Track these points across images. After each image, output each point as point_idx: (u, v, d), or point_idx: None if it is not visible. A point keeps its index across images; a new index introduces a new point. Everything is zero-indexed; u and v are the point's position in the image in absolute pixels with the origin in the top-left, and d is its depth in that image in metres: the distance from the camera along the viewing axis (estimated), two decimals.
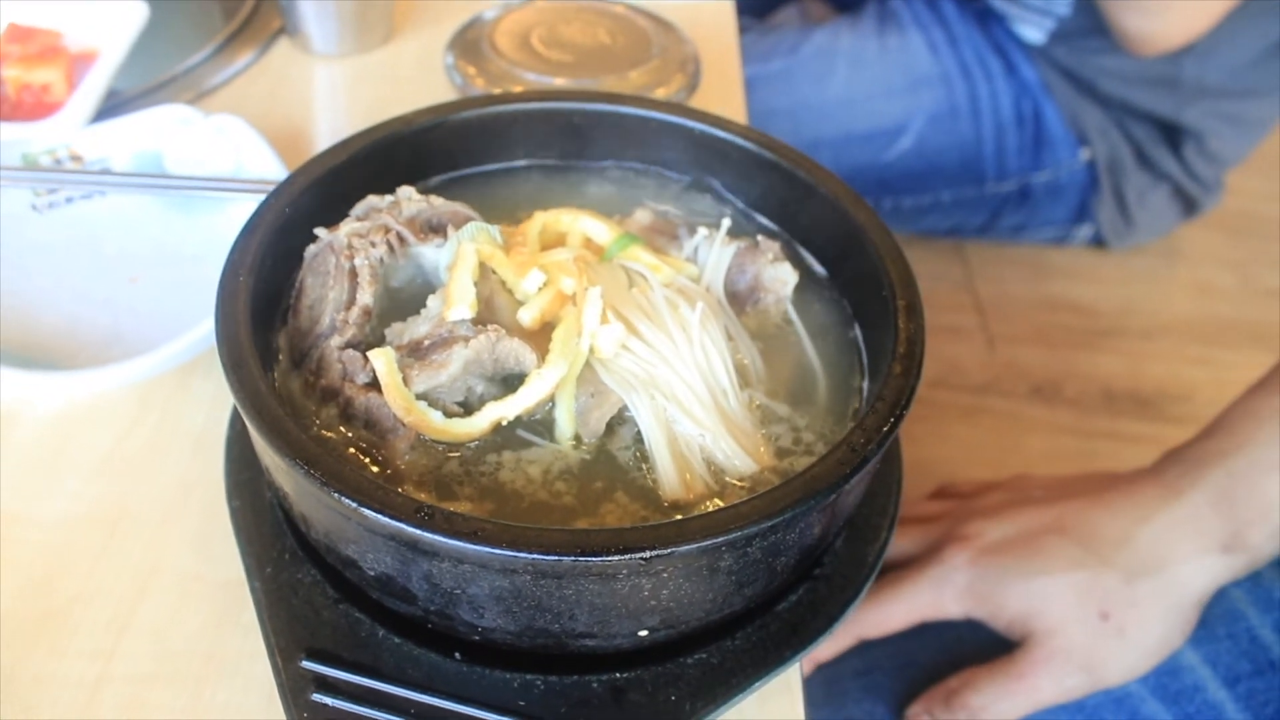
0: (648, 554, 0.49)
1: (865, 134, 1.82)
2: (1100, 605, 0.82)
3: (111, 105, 1.02)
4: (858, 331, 0.70)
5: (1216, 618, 0.88)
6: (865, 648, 0.91)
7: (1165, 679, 0.87)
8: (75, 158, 0.93)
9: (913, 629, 0.89)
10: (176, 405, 0.78)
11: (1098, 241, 2.10)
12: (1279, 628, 0.88)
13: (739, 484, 0.60)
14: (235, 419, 0.71)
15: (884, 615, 0.88)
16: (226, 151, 0.92)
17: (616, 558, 0.49)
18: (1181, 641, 0.84)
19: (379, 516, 0.49)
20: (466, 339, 0.60)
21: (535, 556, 0.48)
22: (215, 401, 0.78)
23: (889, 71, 1.81)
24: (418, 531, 0.49)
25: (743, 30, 1.88)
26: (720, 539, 0.50)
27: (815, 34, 1.84)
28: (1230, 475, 0.83)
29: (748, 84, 1.74)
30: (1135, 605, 0.82)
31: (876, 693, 0.92)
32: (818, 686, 0.93)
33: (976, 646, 0.89)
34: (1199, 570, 0.83)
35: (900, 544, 0.94)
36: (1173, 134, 1.86)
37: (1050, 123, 1.85)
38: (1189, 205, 1.99)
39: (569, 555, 0.48)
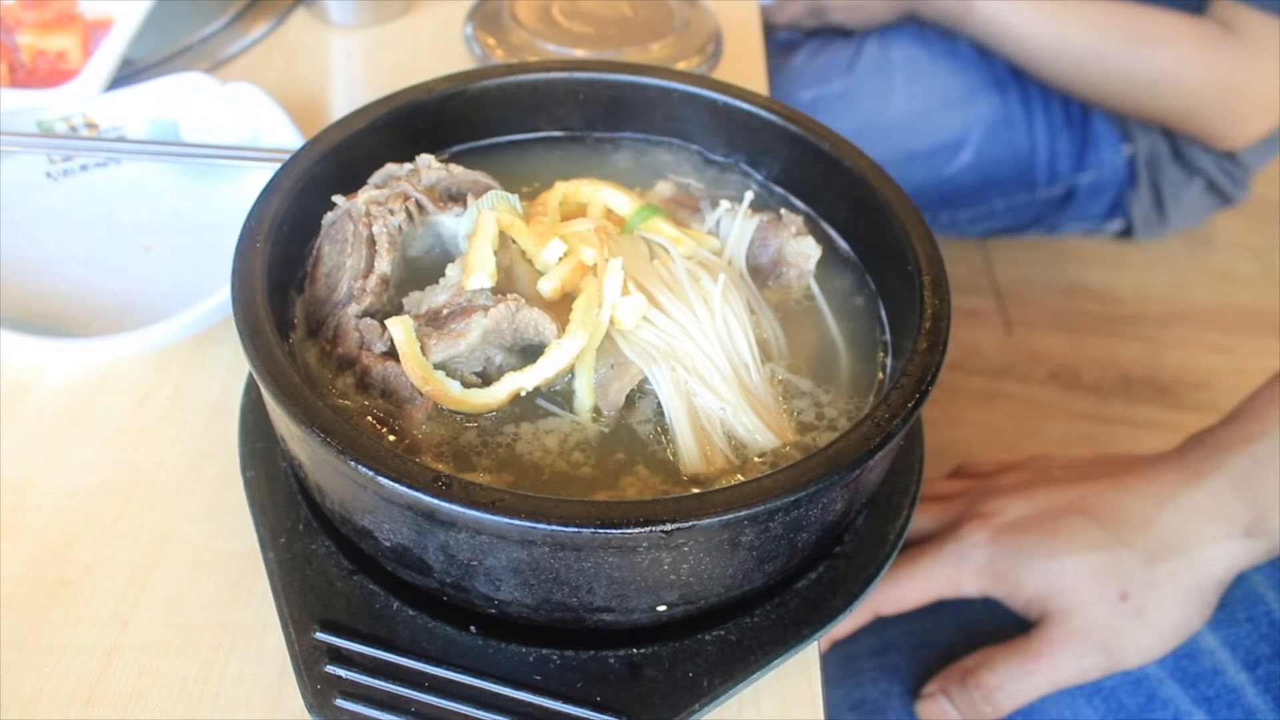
0: (669, 527, 0.48)
1: (928, 150, 1.80)
2: (1119, 586, 0.82)
3: (126, 74, 1.01)
4: (881, 307, 0.69)
5: (1236, 601, 0.88)
6: (882, 627, 0.91)
7: (1184, 661, 0.86)
8: (90, 125, 0.92)
9: (929, 608, 0.88)
10: (191, 374, 0.77)
11: (1126, 233, 2.08)
12: None
13: (760, 459, 0.59)
14: (250, 388, 0.70)
15: (901, 592, 0.87)
16: (243, 120, 0.92)
17: (637, 530, 0.48)
18: (1200, 624, 0.84)
19: (396, 486, 0.49)
20: (486, 308, 0.59)
21: (554, 528, 0.47)
22: (230, 371, 0.77)
23: (944, 81, 1.79)
24: (435, 501, 0.48)
25: (792, 48, 1.87)
26: (742, 513, 0.49)
27: (866, 46, 1.82)
28: (1253, 460, 0.83)
29: (809, 107, 1.73)
30: (1154, 587, 0.81)
31: (892, 672, 0.92)
32: (834, 665, 0.93)
33: (993, 626, 0.89)
34: (1220, 554, 0.82)
35: (919, 522, 0.93)
36: None
37: (1096, 121, 1.83)
38: (1222, 199, 1.96)
39: (589, 527, 0.48)
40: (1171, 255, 2.31)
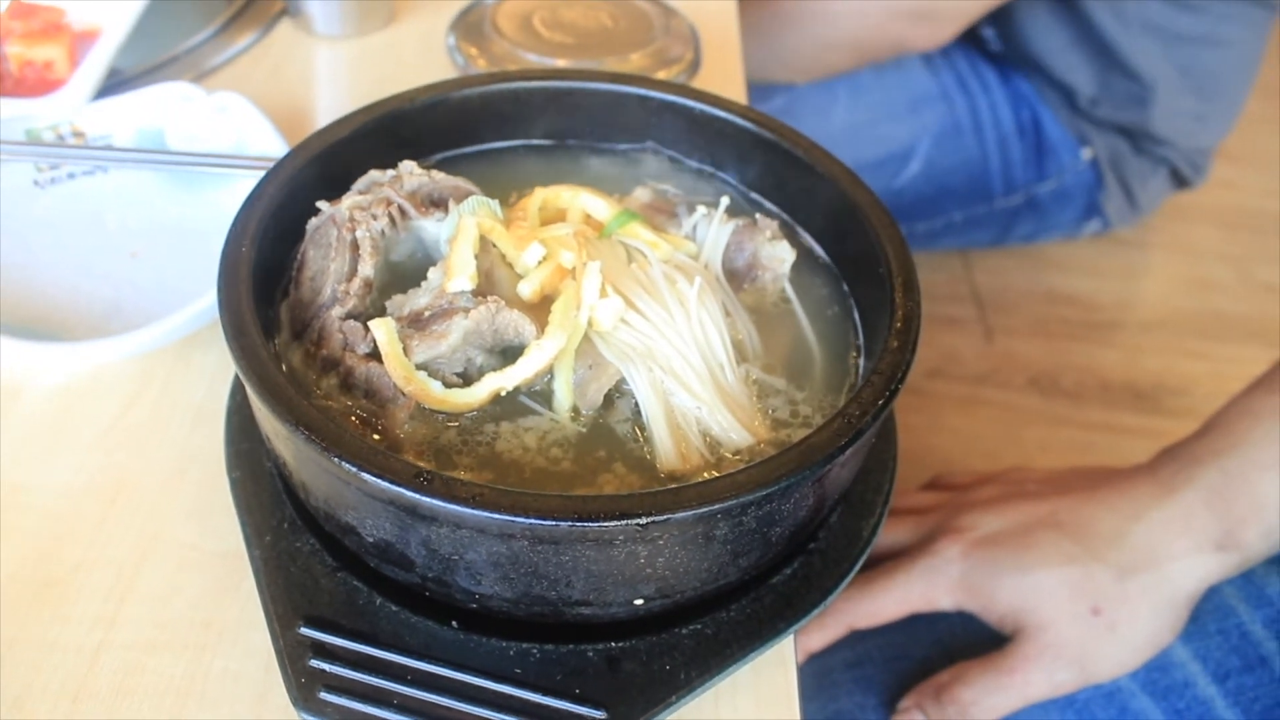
0: (644, 520, 0.49)
1: (875, 162, 1.81)
2: (1092, 601, 0.82)
3: (113, 84, 1.02)
4: (854, 309, 0.71)
5: (1207, 614, 0.89)
6: (857, 640, 0.92)
7: (1155, 674, 0.87)
8: (78, 134, 0.93)
9: (904, 622, 0.89)
10: (177, 378, 0.78)
11: (1104, 228, 2.11)
12: (1269, 624, 0.88)
13: (735, 456, 0.60)
14: (236, 390, 0.72)
15: (876, 606, 0.88)
16: (228, 129, 0.93)
17: (613, 523, 0.49)
18: (1172, 638, 0.85)
19: (379, 481, 0.50)
20: (466, 310, 0.60)
21: (533, 521, 0.49)
22: (216, 375, 0.79)
23: (889, 94, 1.80)
24: (417, 496, 0.49)
25: None
26: (716, 506, 0.51)
27: None
28: (1224, 474, 0.83)
29: None
30: (1126, 601, 0.82)
31: (868, 685, 0.92)
32: (810, 678, 0.94)
33: (968, 640, 0.90)
34: (1191, 568, 0.83)
35: (893, 535, 0.94)
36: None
37: (1049, 129, 1.85)
38: (1181, 183, 1.99)
39: (566, 520, 0.49)
40: (1150, 262, 2.34)
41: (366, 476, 0.50)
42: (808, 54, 1.67)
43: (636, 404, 0.61)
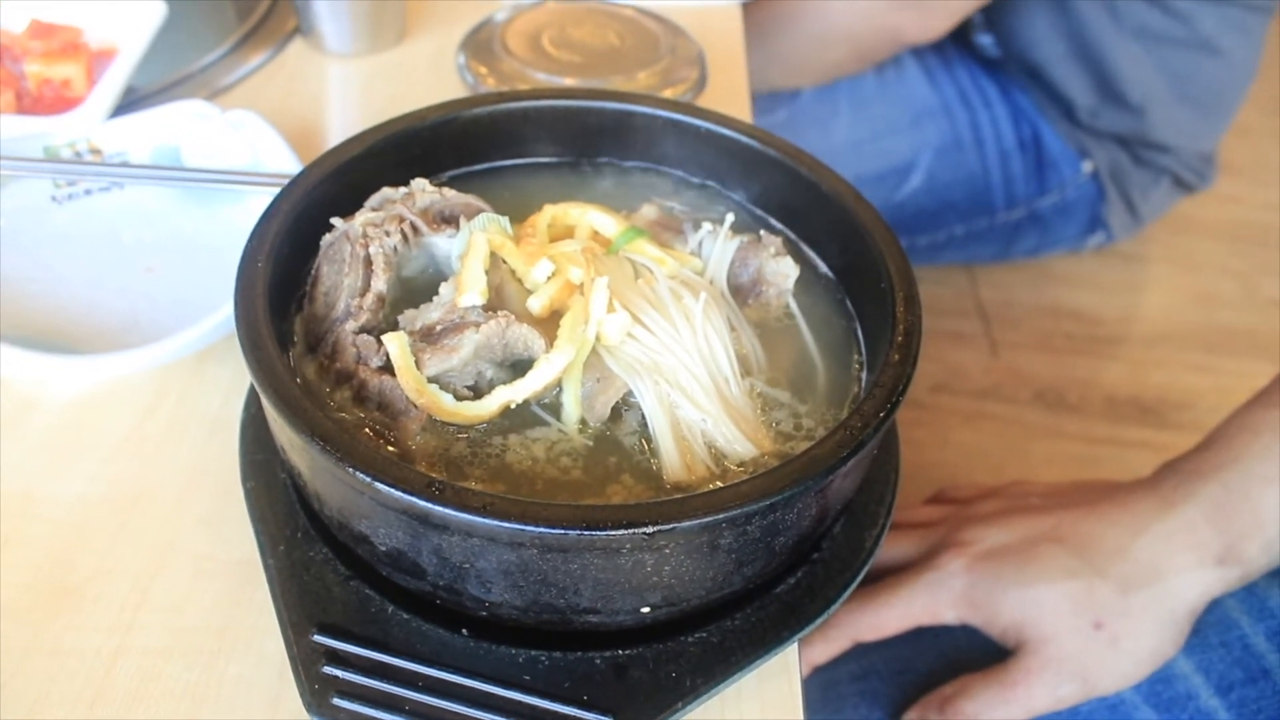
0: (650, 529, 0.51)
1: (875, 175, 1.82)
2: (1094, 615, 0.83)
3: (129, 101, 1.04)
4: (857, 324, 0.72)
5: (1209, 626, 0.89)
6: (862, 653, 0.92)
7: (1158, 687, 0.87)
8: (95, 151, 0.95)
9: (910, 635, 0.89)
10: (193, 391, 0.80)
11: (1108, 241, 2.11)
12: (1272, 636, 0.89)
13: (739, 468, 0.62)
14: (251, 402, 0.73)
15: (879, 619, 0.88)
16: (243, 146, 0.94)
17: (620, 532, 0.50)
18: (1174, 652, 0.85)
19: (392, 491, 0.51)
20: (477, 324, 0.62)
21: (542, 530, 0.50)
22: (231, 387, 0.80)
23: (891, 108, 1.81)
24: (430, 505, 0.51)
25: None
26: (721, 516, 0.52)
27: None
28: (1225, 488, 0.84)
29: None
30: (1129, 616, 0.83)
31: (873, 698, 0.93)
32: (815, 690, 0.94)
33: (973, 652, 0.90)
34: (1193, 582, 0.83)
35: (898, 548, 0.94)
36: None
37: (1049, 143, 1.86)
38: (1186, 189, 2.00)
39: (575, 529, 0.50)
40: (1154, 276, 2.35)
41: (380, 486, 0.51)
42: (807, 52, 1.68)
43: (643, 416, 0.63)
